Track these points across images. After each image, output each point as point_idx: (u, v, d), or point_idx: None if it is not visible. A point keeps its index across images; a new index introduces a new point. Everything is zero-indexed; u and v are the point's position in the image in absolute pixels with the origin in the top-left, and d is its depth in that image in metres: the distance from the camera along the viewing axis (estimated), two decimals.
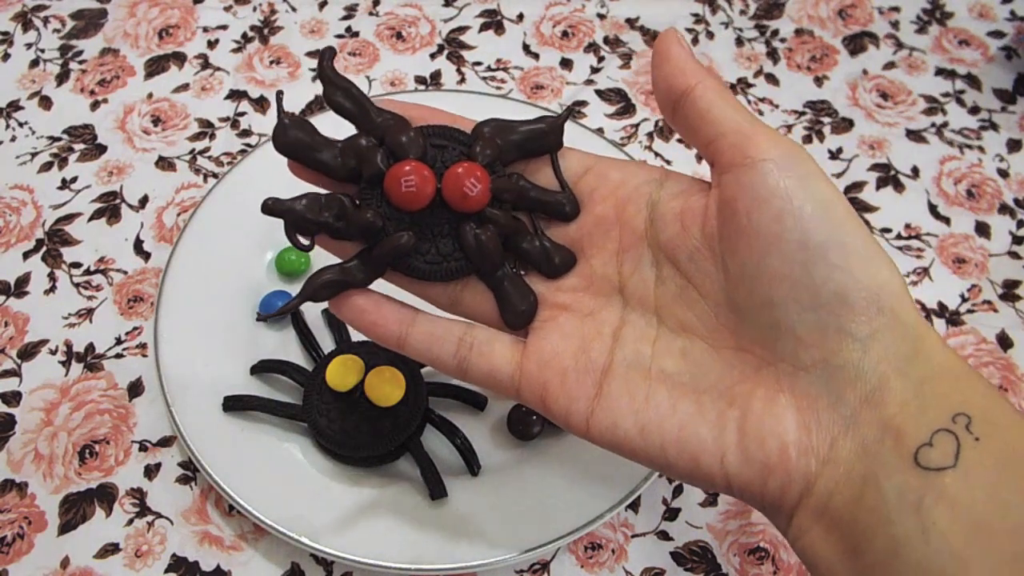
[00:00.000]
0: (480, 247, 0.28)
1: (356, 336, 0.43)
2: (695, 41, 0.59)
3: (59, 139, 0.52)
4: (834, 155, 0.54)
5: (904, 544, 0.23)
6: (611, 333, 0.28)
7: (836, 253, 0.25)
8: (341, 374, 0.39)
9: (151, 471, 0.41)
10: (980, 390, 0.24)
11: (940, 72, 0.58)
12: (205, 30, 0.57)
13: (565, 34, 0.59)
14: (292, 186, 0.29)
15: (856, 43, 0.59)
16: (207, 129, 0.53)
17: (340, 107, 0.28)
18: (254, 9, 0.59)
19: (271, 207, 0.28)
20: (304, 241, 0.28)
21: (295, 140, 0.28)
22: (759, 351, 0.26)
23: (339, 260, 0.29)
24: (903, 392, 0.24)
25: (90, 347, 0.44)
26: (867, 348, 0.25)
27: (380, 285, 0.30)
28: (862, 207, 0.51)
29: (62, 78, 0.55)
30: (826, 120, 0.55)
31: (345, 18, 0.59)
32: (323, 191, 0.29)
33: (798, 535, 0.25)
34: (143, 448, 0.41)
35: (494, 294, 0.30)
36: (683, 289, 0.28)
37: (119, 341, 0.44)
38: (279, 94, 0.28)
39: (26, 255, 0.47)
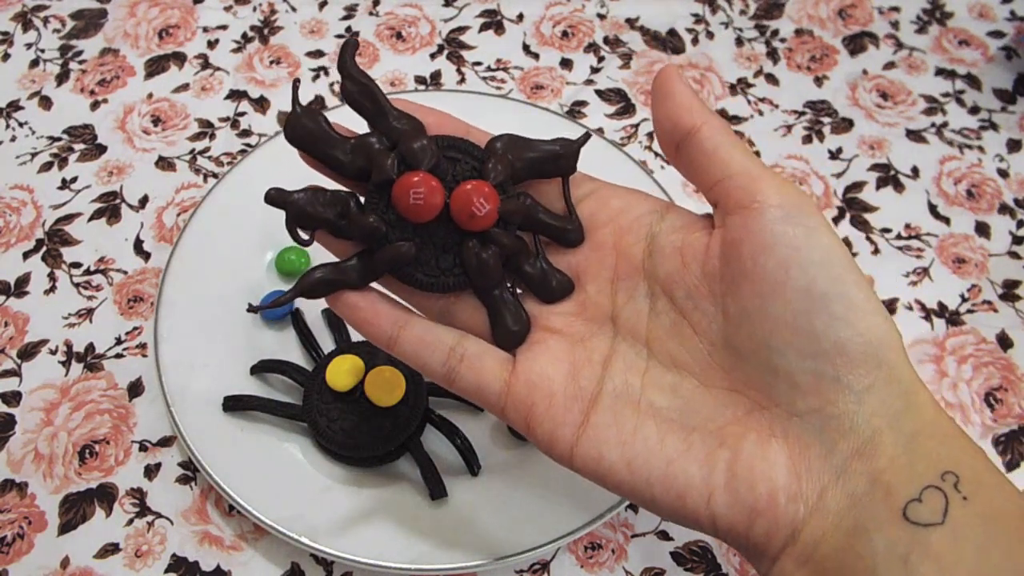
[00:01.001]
0: (481, 266, 0.28)
1: (356, 336, 0.43)
2: (695, 41, 0.59)
3: (59, 139, 0.52)
4: (834, 155, 0.54)
5: None
6: (600, 361, 0.28)
7: (839, 304, 0.25)
8: (341, 374, 0.39)
9: (151, 471, 0.41)
10: (967, 449, 0.25)
11: (940, 72, 0.58)
12: (205, 30, 0.57)
13: (565, 34, 0.59)
14: (292, 187, 0.29)
15: (856, 43, 0.59)
16: (207, 129, 0.53)
17: (357, 104, 0.28)
18: (254, 9, 0.59)
19: (274, 197, 0.28)
20: (303, 235, 0.28)
21: (307, 132, 0.28)
22: (753, 394, 0.26)
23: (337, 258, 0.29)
24: (894, 446, 0.25)
25: (90, 347, 0.44)
26: (862, 400, 0.25)
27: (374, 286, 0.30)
28: (862, 207, 0.51)
29: (62, 78, 0.55)
30: (826, 120, 0.55)
31: (345, 18, 0.59)
32: (328, 186, 0.29)
33: None
34: (143, 448, 0.41)
35: (488, 312, 0.29)
36: (677, 324, 0.28)
37: (119, 341, 0.44)
38: (295, 83, 0.28)
39: (26, 255, 0.47)
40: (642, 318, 0.29)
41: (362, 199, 0.28)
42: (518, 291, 0.30)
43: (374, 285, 0.30)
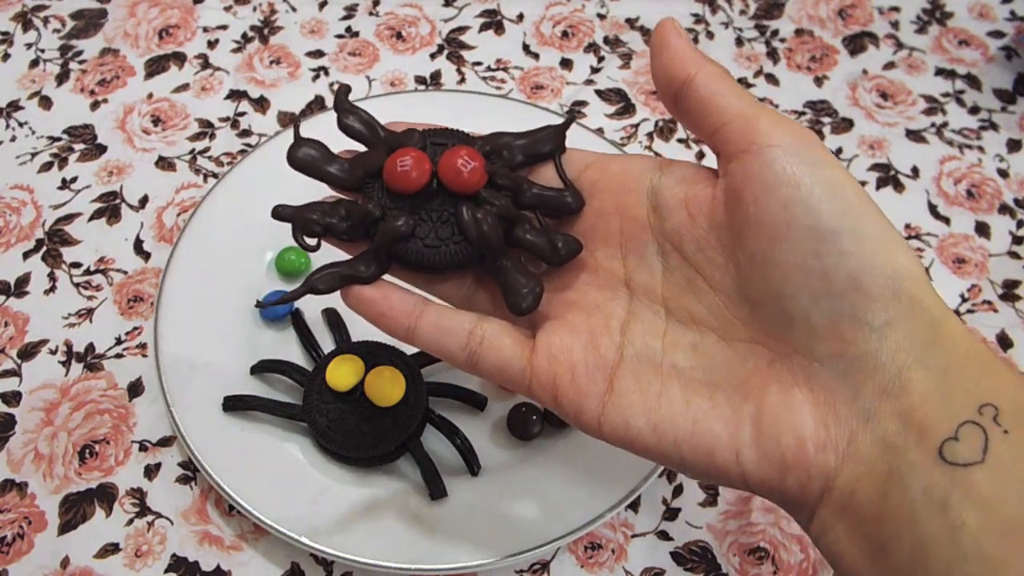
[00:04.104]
0: (477, 226, 0.28)
1: (356, 336, 0.43)
2: (695, 41, 0.59)
3: (59, 139, 0.52)
4: (834, 155, 0.54)
5: (932, 545, 0.22)
6: (619, 327, 0.28)
7: (848, 239, 0.24)
8: (341, 374, 0.39)
9: (151, 471, 0.41)
10: (1007, 378, 0.23)
11: (940, 72, 0.58)
12: (205, 30, 0.57)
13: (565, 34, 0.59)
14: (292, 187, 0.29)
15: (856, 43, 0.59)
16: (207, 129, 0.53)
17: (352, 131, 0.30)
18: (254, 9, 0.59)
19: (280, 212, 0.29)
20: (310, 242, 0.29)
21: (307, 157, 0.29)
22: (772, 343, 0.26)
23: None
24: (924, 383, 0.23)
25: (90, 347, 0.44)
26: (884, 337, 0.24)
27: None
28: None
29: (62, 78, 0.55)
30: (826, 120, 0.55)
31: (345, 18, 0.59)
32: (331, 199, 0.30)
33: (820, 532, 0.25)
34: (143, 448, 0.41)
35: (497, 282, 0.29)
36: (691, 280, 0.27)
37: (119, 341, 0.44)
38: (296, 122, 0.29)
39: (26, 255, 0.47)
40: (656, 277, 0.28)
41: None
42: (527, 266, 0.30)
43: (388, 278, 0.29)
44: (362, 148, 0.30)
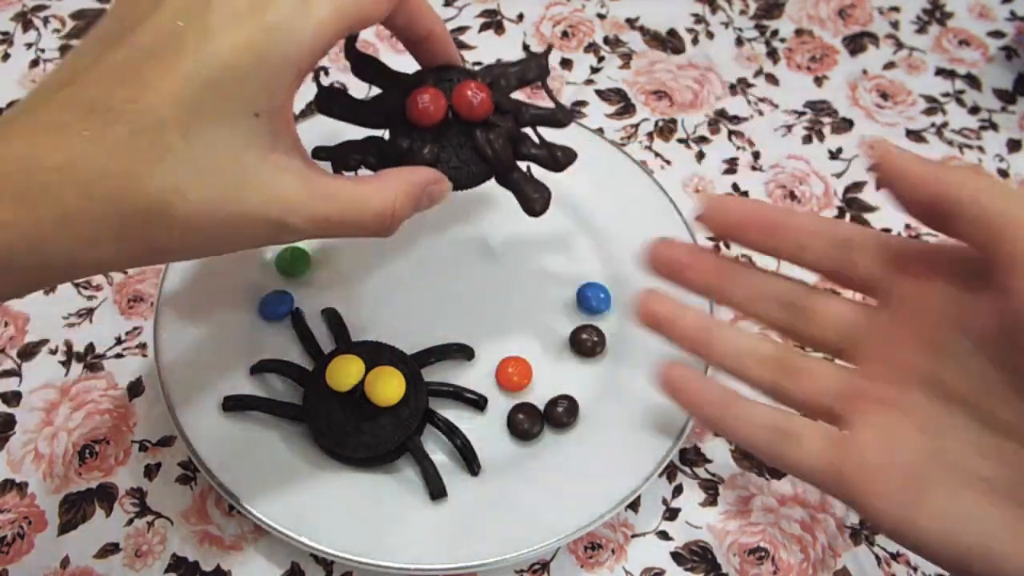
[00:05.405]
0: (491, 146, 0.34)
1: (356, 336, 0.43)
2: (695, 41, 0.59)
3: None
4: (834, 155, 0.54)
5: None
6: (919, 427, 0.27)
7: None
8: (341, 374, 0.39)
9: (151, 471, 0.41)
10: None
11: (940, 72, 0.58)
12: None
13: (565, 34, 0.59)
14: None
15: (856, 43, 0.59)
16: None
17: (365, 75, 0.36)
18: None
19: (317, 152, 0.34)
20: (348, 175, 0.33)
21: (333, 101, 0.35)
22: None
23: None
24: None
25: (90, 347, 0.44)
26: None
27: None
28: (862, 207, 0.51)
29: None
30: (826, 120, 0.55)
31: None
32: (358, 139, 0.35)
33: None
34: (143, 448, 0.41)
35: (513, 193, 0.35)
36: (995, 383, 0.26)
37: (119, 341, 0.44)
38: (317, 77, 0.33)
39: None
40: (958, 376, 0.27)
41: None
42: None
43: None
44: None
